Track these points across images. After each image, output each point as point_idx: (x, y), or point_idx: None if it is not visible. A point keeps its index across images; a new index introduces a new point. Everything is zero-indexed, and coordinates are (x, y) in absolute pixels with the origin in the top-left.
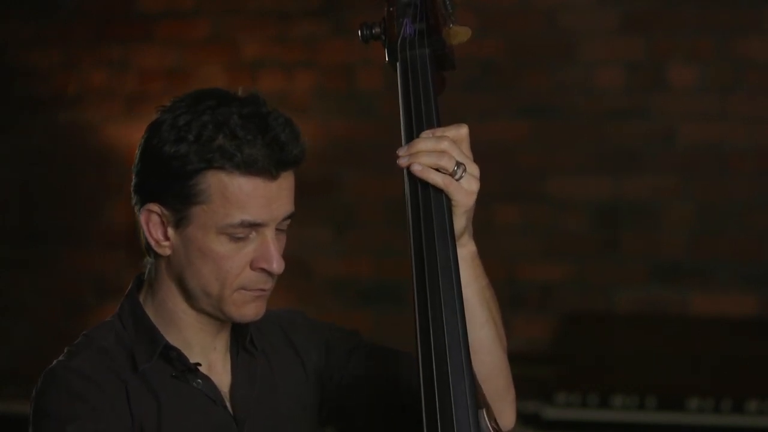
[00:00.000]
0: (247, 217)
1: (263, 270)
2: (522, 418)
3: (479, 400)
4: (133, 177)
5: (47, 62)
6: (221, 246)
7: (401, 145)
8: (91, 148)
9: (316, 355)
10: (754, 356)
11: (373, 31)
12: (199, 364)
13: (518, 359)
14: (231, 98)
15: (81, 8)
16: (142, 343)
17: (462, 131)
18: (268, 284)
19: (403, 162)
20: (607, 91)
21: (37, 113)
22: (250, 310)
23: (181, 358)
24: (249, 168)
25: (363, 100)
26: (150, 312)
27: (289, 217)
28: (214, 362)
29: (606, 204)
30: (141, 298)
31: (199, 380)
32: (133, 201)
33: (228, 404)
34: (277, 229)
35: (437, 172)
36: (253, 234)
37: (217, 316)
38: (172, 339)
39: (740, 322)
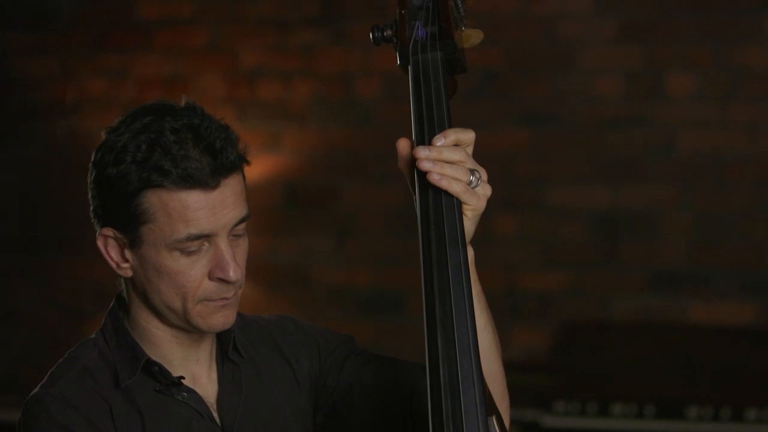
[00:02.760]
0: (193, 230)
1: (221, 279)
2: (521, 426)
3: (489, 407)
4: (90, 202)
5: (46, 71)
6: (175, 262)
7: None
8: (89, 156)
9: (308, 361)
10: (752, 365)
11: (385, 34)
12: (183, 377)
13: (517, 368)
14: (166, 112)
15: (79, 17)
16: (125, 359)
17: (471, 135)
18: (230, 293)
19: (426, 165)
20: (606, 99)
21: (36, 122)
22: (217, 320)
23: (163, 372)
24: (186, 182)
25: (362, 109)
26: (129, 329)
27: (243, 220)
28: (199, 374)
29: (605, 213)
30: (121, 315)
31: (184, 393)
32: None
33: (215, 415)
34: (233, 236)
35: (456, 181)
36: (206, 245)
37: (188, 329)
38: (153, 355)
39: (739, 330)
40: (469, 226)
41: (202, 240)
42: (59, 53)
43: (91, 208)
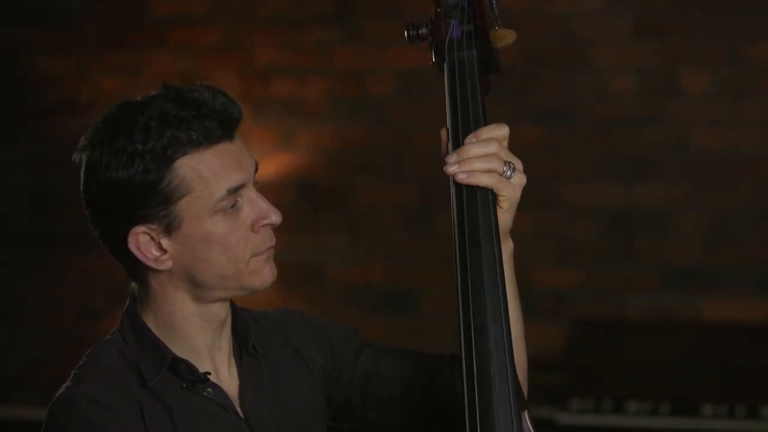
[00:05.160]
0: (229, 184)
1: (264, 226)
2: (535, 424)
3: (522, 402)
4: (95, 228)
5: (59, 69)
6: (219, 226)
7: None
8: None
9: (320, 354)
10: (767, 362)
11: (420, 32)
12: (209, 373)
13: (531, 366)
14: (144, 99)
15: (93, 15)
16: (149, 358)
17: (504, 131)
18: (274, 239)
19: (451, 169)
20: (619, 97)
21: (49, 120)
22: (267, 274)
23: (190, 369)
24: (208, 140)
25: (375, 107)
26: (152, 326)
27: (257, 168)
28: (221, 366)
29: (619, 210)
30: (140, 313)
31: (209, 389)
32: (105, 246)
33: (239, 410)
34: (254, 184)
35: (485, 174)
36: (239, 200)
37: (237, 294)
38: (179, 348)
39: (753, 328)
40: (506, 217)
41: (235, 195)
42: (73, 51)
43: (100, 231)
